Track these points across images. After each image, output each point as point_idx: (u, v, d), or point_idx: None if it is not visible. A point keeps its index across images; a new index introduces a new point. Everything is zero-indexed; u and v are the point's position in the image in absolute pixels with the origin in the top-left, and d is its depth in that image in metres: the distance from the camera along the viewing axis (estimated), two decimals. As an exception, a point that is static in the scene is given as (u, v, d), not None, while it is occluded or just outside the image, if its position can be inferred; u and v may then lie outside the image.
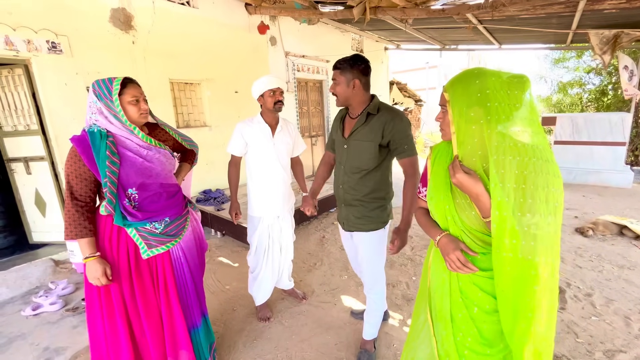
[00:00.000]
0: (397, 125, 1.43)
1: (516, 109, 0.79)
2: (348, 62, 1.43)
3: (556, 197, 0.77)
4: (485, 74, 0.82)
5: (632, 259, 2.79)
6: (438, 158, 0.99)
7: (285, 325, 2.05)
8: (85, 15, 2.95)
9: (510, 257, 0.76)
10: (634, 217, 3.67)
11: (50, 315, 2.20)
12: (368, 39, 7.20)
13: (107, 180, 1.19)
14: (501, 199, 0.76)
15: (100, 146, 1.19)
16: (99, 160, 1.18)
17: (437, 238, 0.98)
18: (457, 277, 0.96)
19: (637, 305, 2.15)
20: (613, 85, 7.58)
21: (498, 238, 0.77)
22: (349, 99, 1.49)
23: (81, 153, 1.18)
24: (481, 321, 0.92)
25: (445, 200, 0.94)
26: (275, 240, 2.05)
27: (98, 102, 1.21)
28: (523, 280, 0.76)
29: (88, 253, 1.22)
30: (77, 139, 1.20)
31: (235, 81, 4.37)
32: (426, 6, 3.71)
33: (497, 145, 0.77)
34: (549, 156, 0.79)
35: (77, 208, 1.19)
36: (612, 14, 3.82)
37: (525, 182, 0.75)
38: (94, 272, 1.21)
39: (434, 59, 14.85)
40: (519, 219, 0.75)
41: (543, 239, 0.75)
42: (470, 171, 0.84)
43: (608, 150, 5.28)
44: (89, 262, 1.21)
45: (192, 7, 3.82)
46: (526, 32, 5.07)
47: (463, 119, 0.83)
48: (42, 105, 2.79)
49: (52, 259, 2.85)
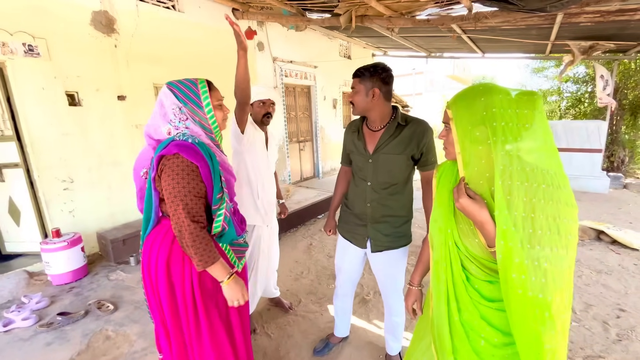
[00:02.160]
0: (430, 137, 1.38)
1: (525, 129, 0.72)
2: (368, 70, 1.34)
3: (569, 229, 0.70)
4: (491, 91, 0.76)
5: (609, 264, 2.89)
6: (442, 178, 0.93)
7: (271, 337, 2.02)
8: (65, 18, 2.85)
9: (520, 294, 0.69)
10: (610, 222, 3.81)
11: (23, 331, 2.09)
12: (356, 46, 7.28)
13: (222, 196, 1.08)
14: (507, 227, 0.69)
15: (212, 160, 1.06)
16: (215, 175, 1.05)
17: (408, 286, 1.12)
18: (457, 306, 0.88)
19: (614, 310, 2.22)
20: (589, 94, 7.90)
21: (505, 271, 0.70)
22: (368, 110, 1.39)
23: (201, 167, 1.02)
24: (488, 354, 0.84)
25: (447, 225, 0.88)
26: (263, 250, 2.01)
27: (184, 106, 1.08)
28: (535, 320, 0.69)
29: (227, 272, 1.06)
30: (190, 151, 1.02)
31: (222, 86, 4.23)
32: (411, 16, 3.78)
33: (503, 168, 0.71)
34: (561, 182, 0.72)
35: (204, 232, 1.02)
36: (588, 26, 3.99)
37: (534, 210, 0.69)
38: (238, 290, 1.07)
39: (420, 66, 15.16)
40: (527, 252, 0.68)
41: (554, 275, 0.68)
42: (476, 196, 0.77)
43: (586, 157, 5.48)
44: (232, 281, 1.06)
45: (178, 11, 3.76)
46: (508, 42, 5.23)
47: (468, 139, 0.77)
48: (17, 110, 2.68)
49: (26, 270, 2.72)
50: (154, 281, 1.13)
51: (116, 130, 3.27)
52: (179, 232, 1.01)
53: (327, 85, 6.66)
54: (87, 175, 3.09)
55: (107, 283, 2.66)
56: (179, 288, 1.12)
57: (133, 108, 3.36)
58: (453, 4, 3.34)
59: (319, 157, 6.62)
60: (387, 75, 1.36)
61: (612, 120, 7.11)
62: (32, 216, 2.87)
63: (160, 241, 1.12)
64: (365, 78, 1.35)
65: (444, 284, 0.89)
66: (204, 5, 4.01)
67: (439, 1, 3.24)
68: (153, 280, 1.13)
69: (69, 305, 2.35)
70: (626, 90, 7.21)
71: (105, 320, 2.15)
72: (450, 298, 0.89)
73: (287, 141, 5.76)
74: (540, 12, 2.83)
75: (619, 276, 2.68)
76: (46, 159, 2.83)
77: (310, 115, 6.45)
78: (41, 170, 2.81)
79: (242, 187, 1.92)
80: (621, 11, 3.36)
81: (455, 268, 0.87)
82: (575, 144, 5.55)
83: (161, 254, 1.11)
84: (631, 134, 7.47)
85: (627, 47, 5.10)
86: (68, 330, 2.07)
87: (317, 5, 3.85)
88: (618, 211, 4.42)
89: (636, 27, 3.97)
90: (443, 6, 3.42)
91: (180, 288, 1.12)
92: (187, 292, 1.11)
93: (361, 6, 3.58)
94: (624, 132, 7.42)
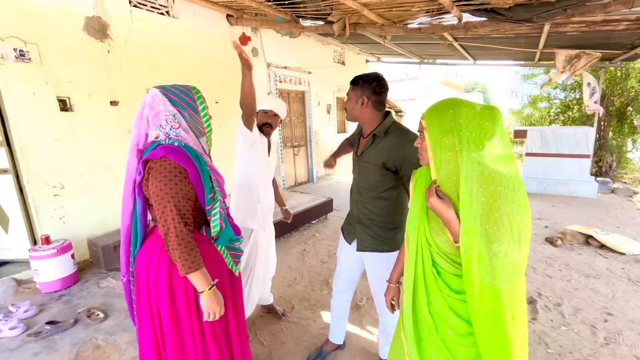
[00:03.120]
0: (407, 151, 1.33)
1: (487, 139, 0.82)
2: (362, 79, 1.39)
3: (521, 226, 0.79)
4: (459, 104, 0.86)
5: (597, 268, 2.94)
6: (419, 182, 1.02)
7: (264, 344, 2.01)
8: (57, 23, 2.85)
9: (479, 282, 0.78)
10: (598, 227, 3.88)
11: (10, 341, 2.04)
12: (350, 52, 7.36)
13: (215, 194, 1.09)
14: (469, 224, 0.79)
15: (200, 162, 1.07)
16: (204, 176, 1.06)
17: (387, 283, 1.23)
18: (427, 299, 0.96)
19: (602, 314, 2.26)
20: (578, 101, 8.08)
21: (467, 262, 0.80)
22: (356, 116, 1.45)
23: (189, 169, 1.03)
24: (455, 343, 0.92)
25: (421, 223, 0.97)
26: (260, 255, 2.01)
27: (178, 113, 1.08)
28: (492, 304, 0.78)
29: (208, 283, 1.04)
30: (178, 154, 1.03)
31: (216, 92, 4.32)
32: (404, 24, 3.85)
33: (466, 172, 0.80)
34: (516, 186, 0.81)
35: (188, 235, 1.02)
36: (575, 36, 4.11)
37: (490, 209, 0.78)
38: (217, 303, 1.06)
39: (413, 71, 15.32)
40: (486, 245, 0.77)
41: (505, 266, 0.77)
42: (445, 196, 0.87)
43: (574, 162, 5.59)
44: (212, 293, 1.05)
45: (172, 17, 3.78)
46: (498, 50, 5.35)
47: (438, 146, 0.87)
48: (7, 115, 2.65)
49: (14, 278, 2.67)
50: (153, 292, 1.11)
51: (108, 135, 3.25)
52: (165, 234, 1.00)
53: (321, 91, 6.71)
54: (79, 181, 3.06)
55: (98, 291, 2.62)
56: (181, 296, 1.11)
57: (126, 113, 3.34)
58: (443, 14, 3.41)
59: (313, 162, 6.65)
60: (378, 86, 1.37)
61: (600, 127, 7.28)
62: (21, 223, 2.83)
63: (159, 250, 1.10)
64: (357, 86, 1.40)
65: (412, 277, 0.98)
66: (198, 11, 4.03)
67: (430, 11, 3.31)
68: (152, 291, 1.11)
69: (57, 314, 2.31)
70: (613, 97, 7.39)
71: (95, 329, 2.12)
72: (419, 290, 0.97)
73: (282, 146, 5.78)
74: (527, 22, 2.91)
75: (607, 280, 2.73)
76: (36, 164, 2.79)
77: (304, 121, 6.48)
78: (31, 176, 2.77)
79: (243, 191, 1.92)
80: (606, 21, 3.47)
81: (427, 263, 0.95)
82: (564, 149, 5.66)
83: (161, 263, 1.09)
84: (618, 139, 7.64)
85: (613, 56, 5.25)
86: (57, 339, 2.03)
87: (311, 13, 3.89)
88: (606, 215, 4.51)
89: (621, 37, 4.10)
90: (434, 16, 3.49)
91: (183, 296, 1.11)
92: (190, 299, 1.11)
93: (354, 14, 3.63)
94: (611, 137, 7.59)
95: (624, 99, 7.35)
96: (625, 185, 6.19)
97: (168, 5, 3.73)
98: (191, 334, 1.13)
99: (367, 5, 3.30)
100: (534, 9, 2.82)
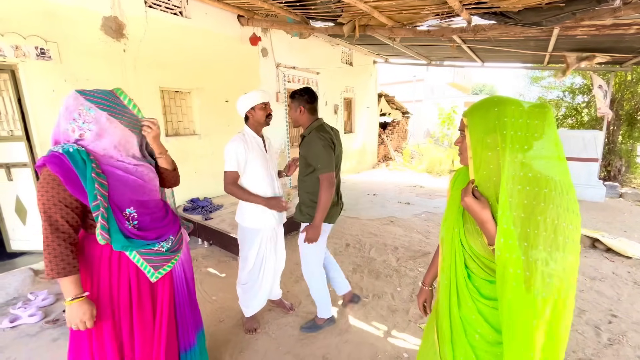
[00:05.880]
0: (312, 149, 1.80)
1: (535, 139, 0.77)
2: (297, 93, 1.85)
3: (567, 234, 0.73)
4: (505, 102, 0.81)
5: (603, 271, 2.95)
6: (457, 182, 1.00)
7: (272, 336, 2.07)
8: (76, 23, 2.94)
9: (514, 287, 0.74)
10: (605, 231, 3.87)
11: (29, 327, 2.14)
12: (357, 52, 7.39)
13: (99, 204, 1.07)
14: (507, 226, 0.74)
15: (86, 167, 1.06)
16: (87, 183, 1.05)
17: (420, 285, 1.23)
18: (457, 301, 0.93)
19: (607, 316, 2.28)
20: (587, 104, 8.01)
21: (502, 266, 0.75)
22: (298, 121, 1.91)
23: (62, 177, 1.03)
24: (482, 350, 0.89)
25: (455, 224, 0.94)
26: (270, 251, 2.07)
27: (97, 109, 1.11)
28: (525, 314, 0.74)
29: (74, 293, 1.06)
30: (53, 162, 1.03)
31: (226, 91, 4.40)
32: (413, 27, 3.88)
33: (508, 173, 0.76)
34: (566, 189, 0.76)
35: (59, 241, 1.04)
36: (584, 39, 4.10)
37: (533, 212, 0.73)
38: (82, 314, 1.07)
39: (421, 73, 15.30)
40: (524, 249, 0.72)
41: (546, 274, 0.72)
42: (481, 197, 0.83)
43: (582, 166, 5.55)
44: (76, 304, 1.06)
45: (185, 17, 3.86)
46: (507, 52, 5.35)
47: (480, 145, 0.83)
48: (27, 111, 2.75)
49: (32, 268, 2.77)
50: None
51: (122, 132, 3.34)
52: None
53: (329, 91, 6.76)
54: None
55: (111, 282, 2.70)
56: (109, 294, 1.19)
57: (139, 111, 3.43)
58: (453, 17, 3.44)
59: (320, 161, 6.68)
60: (310, 97, 1.86)
61: (609, 130, 7.21)
62: (38, 214, 2.92)
63: None
64: (295, 99, 1.86)
65: (447, 278, 0.95)
66: (210, 11, 4.11)
67: (439, 14, 3.34)
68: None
69: (73, 303, 2.39)
70: (623, 101, 7.32)
71: (110, 318, 2.20)
72: (452, 292, 0.94)
73: (289, 145, 5.84)
74: (536, 26, 2.93)
75: (612, 283, 2.73)
76: (54, 159, 2.89)
77: (311, 120, 6.53)
78: (49, 170, 2.86)
79: (253, 192, 1.97)
80: (616, 25, 3.47)
81: (459, 265, 0.92)
82: (572, 152, 5.62)
83: None
84: (628, 144, 7.55)
85: (623, 59, 5.22)
86: (73, 327, 2.11)
87: (321, 15, 3.95)
88: (613, 220, 4.48)
89: (631, 40, 4.08)
90: (443, 18, 3.52)
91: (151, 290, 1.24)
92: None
93: (364, 16, 3.68)
94: (621, 142, 7.51)
95: (634, 102, 7.27)
96: (634, 190, 6.13)
97: (181, 5, 3.81)
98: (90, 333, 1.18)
99: (377, 8, 3.34)
100: (543, 13, 2.84)
